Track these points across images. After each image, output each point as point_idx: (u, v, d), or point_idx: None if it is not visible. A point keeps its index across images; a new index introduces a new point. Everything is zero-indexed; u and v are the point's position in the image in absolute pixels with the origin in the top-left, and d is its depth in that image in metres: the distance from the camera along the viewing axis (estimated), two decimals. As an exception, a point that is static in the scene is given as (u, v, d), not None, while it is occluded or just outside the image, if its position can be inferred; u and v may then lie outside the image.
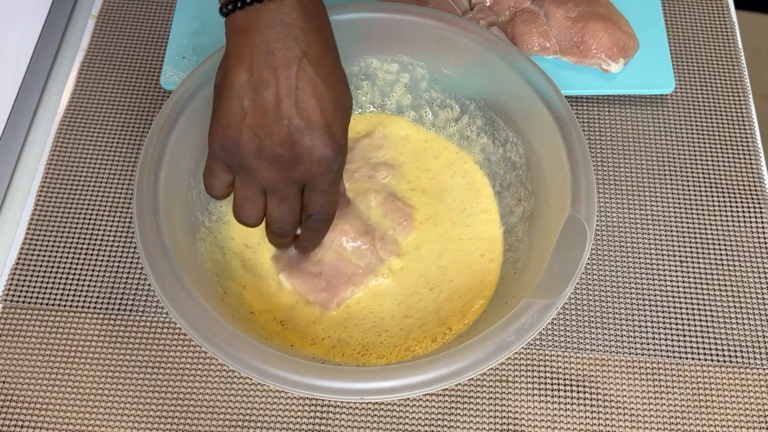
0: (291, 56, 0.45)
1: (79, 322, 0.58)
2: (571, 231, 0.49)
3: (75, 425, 0.55)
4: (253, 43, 0.45)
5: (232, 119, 0.46)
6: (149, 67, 0.71)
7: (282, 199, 0.49)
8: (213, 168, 0.49)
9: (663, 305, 0.60)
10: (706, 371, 0.57)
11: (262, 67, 0.45)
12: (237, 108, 0.46)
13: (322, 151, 0.47)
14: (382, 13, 0.58)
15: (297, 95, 0.45)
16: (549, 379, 0.57)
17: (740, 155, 0.67)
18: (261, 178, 0.48)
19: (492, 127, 0.61)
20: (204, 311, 0.46)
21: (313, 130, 0.46)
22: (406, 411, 0.55)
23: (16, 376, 0.56)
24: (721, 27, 0.74)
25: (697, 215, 0.64)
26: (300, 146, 0.46)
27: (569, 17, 0.68)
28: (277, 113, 0.45)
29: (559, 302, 0.46)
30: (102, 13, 0.75)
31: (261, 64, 0.45)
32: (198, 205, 0.56)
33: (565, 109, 0.54)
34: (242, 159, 0.47)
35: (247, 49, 0.45)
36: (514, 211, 0.59)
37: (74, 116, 0.68)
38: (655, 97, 0.70)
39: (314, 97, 0.46)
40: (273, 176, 0.47)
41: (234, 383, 0.56)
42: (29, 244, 0.62)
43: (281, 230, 0.51)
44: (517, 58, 0.56)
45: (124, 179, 0.65)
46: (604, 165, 0.66)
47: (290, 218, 0.50)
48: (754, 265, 0.61)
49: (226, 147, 0.47)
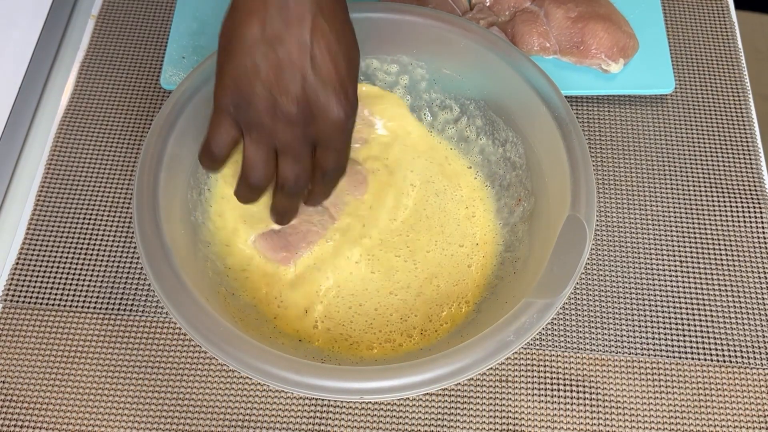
0: (305, 10, 0.44)
1: (79, 322, 0.58)
2: (571, 231, 0.49)
3: (75, 425, 0.55)
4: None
5: (244, 74, 0.45)
6: (149, 67, 0.71)
7: (296, 157, 0.47)
8: (220, 123, 0.47)
9: (663, 305, 0.60)
10: (706, 371, 0.57)
11: (276, 21, 0.44)
12: (249, 63, 0.44)
13: (337, 111, 0.46)
14: (381, 13, 0.58)
15: (312, 52, 0.44)
16: (549, 379, 0.57)
17: (740, 155, 0.67)
18: (274, 137, 0.46)
19: (492, 128, 0.61)
20: (204, 311, 0.46)
21: (328, 89, 0.45)
22: (406, 411, 0.55)
23: (16, 376, 0.56)
24: (721, 27, 0.74)
25: (697, 215, 0.64)
26: (315, 105, 0.45)
27: (569, 17, 0.68)
28: (292, 70, 0.44)
29: (559, 302, 0.46)
30: (102, 13, 0.75)
31: (274, 18, 0.44)
32: (198, 205, 0.56)
33: (565, 109, 0.54)
34: (255, 116, 0.45)
35: (259, 2, 0.44)
36: (514, 211, 0.59)
37: (74, 116, 0.68)
38: (655, 97, 0.70)
39: (329, 53, 0.45)
40: (287, 134, 0.46)
41: (234, 383, 0.56)
42: (29, 244, 0.62)
43: (294, 189, 0.49)
44: (517, 58, 0.56)
45: (124, 179, 0.65)
46: (604, 165, 0.66)
47: (304, 177, 0.49)
48: (754, 265, 0.61)
49: (237, 103, 0.45)
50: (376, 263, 0.58)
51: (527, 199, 0.58)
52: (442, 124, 0.63)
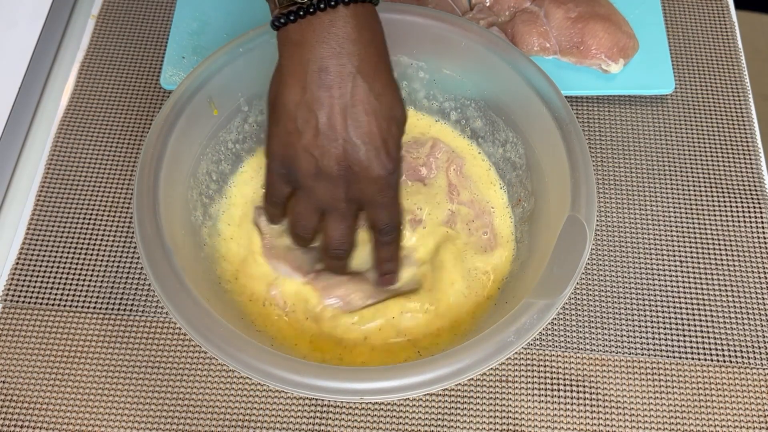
0: (345, 72, 0.45)
1: (79, 322, 0.58)
2: (571, 231, 0.49)
3: (75, 425, 0.55)
4: (306, 60, 0.45)
5: (288, 139, 0.47)
6: (149, 67, 0.71)
7: (340, 217, 0.49)
8: (273, 182, 0.50)
9: (663, 305, 0.60)
10: (706, 371, 0.57)
11: (315, 85, 0.45)
12: (292, 128, 0.46)
13: (378, 169, 0.47)
14: (381, 13, 0.58)
15: (351, 114, 0.46)
16: (549, 379, 0.57)
17: (740, 155, 0.67)
18: (319, 197, 0.48)
19: (492, 128, 0.61)
20: (204, 311, 0.46)
21: (369, 149, 0.46)
22: (406, 411, 0.55)
23: (16, 376, 0.56)
24: (721, 27, 0.74)
25: (697, 215, 0.64)
26: (356, 165, 0.47)
27: (569, 17, 0.68)
28: (331, 133, 0.46)
29: (559, 302, 0.46)
30: (102, 13, 0.75)
31: (314, 83, 0.45)
32: (198, 205, 0.56)
33: (565, 109, 0.54)
34: (300, 178, 0.48)
35: (300, 66, 0.45)
36: (514, 211, 0.59)
37: (74, 116, 0.68)
38: (655, 97, 0.70)
39: (369, 114, 0.46)
40: (331, 195, 0.48)
41: (234, 383, 0.56)
42: (29, 244, 0.62)
43: (340, 250, 0.51)
44: (517, 58, 0.56)
45: (124, 179, 0.65)
46: (604, 165, 0.66)
47: (348, 236, 0.51)
48: (754, 265, 0.61)
49: (285, 165, 0.48)
50: None
51: (527, 200, 0.58)
52: (442, 123, 0.63)
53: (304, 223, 0.51)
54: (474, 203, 0.59)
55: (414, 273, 0.56)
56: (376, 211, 0.50)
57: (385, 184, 0.48)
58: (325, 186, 0.48)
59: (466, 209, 0.59)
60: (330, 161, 0.46)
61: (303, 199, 0.50)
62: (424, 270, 0.56)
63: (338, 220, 0.50)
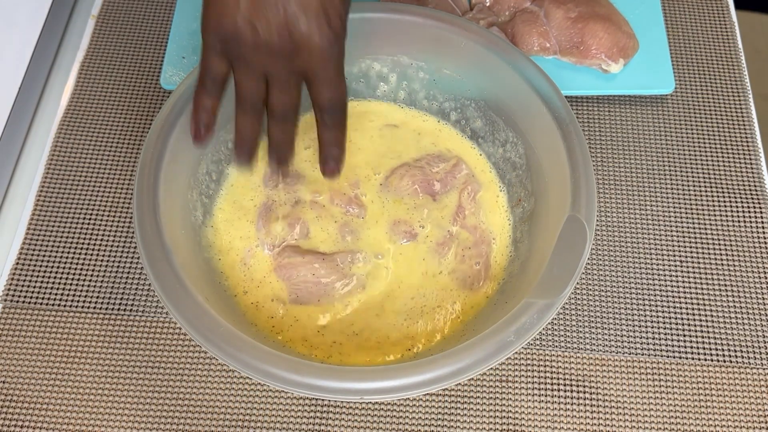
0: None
1: (79, 322, 0.58)
2: (571, 231, 0.49)
3: (75, 425, 0.55)
4: None
5: (224, 9, 0.45)
6: (149, 67, 0.71)
7: (282, 87, 0.47)
8: (208, 60, 0.47)
9: (663, 305, 0.60)
10: (706, 371, 0.57)
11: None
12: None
13: (318, 39, 0.45)
14: (381, 13, 0.58)
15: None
16: (549, 379, 0.57)
17: (740, 155, 0.67)
18: (260, 68, 0.46)
19: (492, 128, 0.61)
20: (204, 311, 0.46)
21: (309, 17, 0.45)
22: (406, 411, 0.55)
23: (16, 376, 0.56)
24: (721, 27, 0.74)
25: (697, 215, 0.64)
26: (297, 34, 0.45)
27: (569, 17, 0.68)
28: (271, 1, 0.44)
29: (559, 302, 0.46)
30: (102, 13, 0.75)
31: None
32: (198, 205, 0.56)
33: (565, 109, 0.54)
34: (239, 49, 0.46)
35: None
36: (514, 211, 0.59)
37: (74, 116, 0.68)
38: (655, 97, 0.70)
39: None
40: (272, 65, 0.46)
41: (234, 383, 0.56)
42: (29, 244, 0.62)
43: (282, 115, 0.49)
44: (517, 58, 0.56)
45: (124, 179, 0.65)
46: (604, 165, 0.66)
47: (291, 104, 0.48)
48: (754, 265, 0.61)
49: (222, 38, 0.46)
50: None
51: (527, 200, 0.58)
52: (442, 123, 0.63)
53: (250, 92, 0.48)
54: (477, 230, 0.58)
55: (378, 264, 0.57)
56: (318, 87, 0.48)
57: (327, 55, 0.46)
58: (265, 57, 0.46)
59: (467, 234, 0.58)
60: (270, 29, 0.45)
61: (244, 72, 0.47)
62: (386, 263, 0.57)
63: (281, 90, 0.47)
